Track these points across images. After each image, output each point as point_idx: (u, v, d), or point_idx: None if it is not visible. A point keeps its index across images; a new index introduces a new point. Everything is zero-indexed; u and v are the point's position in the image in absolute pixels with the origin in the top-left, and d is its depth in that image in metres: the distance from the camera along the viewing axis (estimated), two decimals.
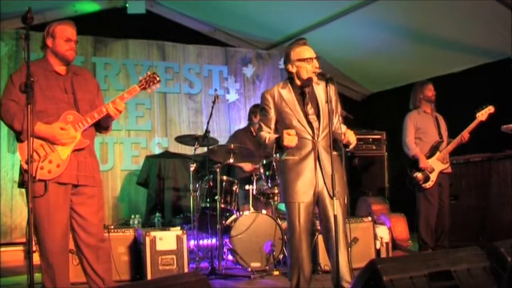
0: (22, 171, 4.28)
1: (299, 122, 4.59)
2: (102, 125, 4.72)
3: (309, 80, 4.60)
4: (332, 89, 4.68)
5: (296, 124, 4.60)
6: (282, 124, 4.69)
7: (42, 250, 4.38)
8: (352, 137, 4.58)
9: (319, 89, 4.67)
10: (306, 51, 4.60)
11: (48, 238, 4.33)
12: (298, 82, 4.66)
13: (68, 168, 4.39)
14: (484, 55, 8.80)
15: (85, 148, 4.52)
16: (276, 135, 4.61)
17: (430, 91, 7.19)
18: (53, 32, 4.56)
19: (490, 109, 6.77)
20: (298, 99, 4.64)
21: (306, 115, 4.60)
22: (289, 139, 4.44)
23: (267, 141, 4.69)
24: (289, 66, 4.68)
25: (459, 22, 8.24)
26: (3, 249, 7.54)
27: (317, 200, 4.63)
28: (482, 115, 6.76)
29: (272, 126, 4.76)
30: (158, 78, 4.76)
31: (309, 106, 4.62)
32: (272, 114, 4.73)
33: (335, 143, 4.63)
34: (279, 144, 4.54)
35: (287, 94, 4.66)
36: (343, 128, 4.70)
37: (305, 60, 4.58)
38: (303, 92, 4.65)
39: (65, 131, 4.36)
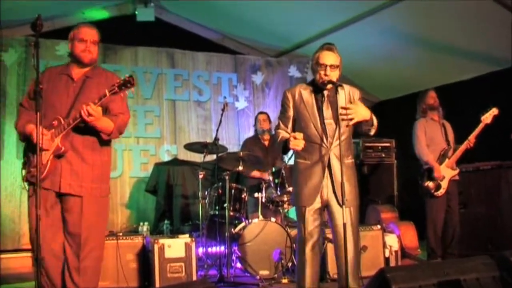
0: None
1: (314, 126, 4.57)
2: (99, 131, 4.56)
3: (323, 85, 4.58)
4: (356, 94, 4.68)
5: (311, 128, 4.58)
6: (298, 125, 4.69)
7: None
8: (359, 112, 4.48)
9: (342, 94, 4.61)
10: (324, 56, 4.57)
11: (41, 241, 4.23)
12: (317, 85, 4.65)
13: (51, 174, 4.36)
14: (494, 63, 8.77)
15: (74, 156, 4.45)
16: (287, 136, 4.57)
17: (431, 98, 7.20)
18: (72, 36, 4.60)
19: (494, 111, 6.75)
20: (317, 102, 4.62)
21: (322, 119, 4.59)
22: (295, 143, 4.40)
23: (278, 139, 4.71)
24: (312, 69, 4.70)
25: (468, 29, 8.22)
26: (11, 255, 7.55)
27: (327, 208, 4.63)
28: (487, 118, 6.74)
29: (290, 125, 4.75)
30: (132, 82, 4.43)
31: (328, 110, 4.59)
32: (291, 113, 4.73)
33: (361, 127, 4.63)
34: (286, 145, 4.53)
35: (307, 95, 4.65)
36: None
37: (320, 65, 4.57)
38: (323, 95, 4.63)
39: (45, 136, 4.27)
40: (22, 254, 7.73)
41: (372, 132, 4.70)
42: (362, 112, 4.47)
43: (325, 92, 4.60)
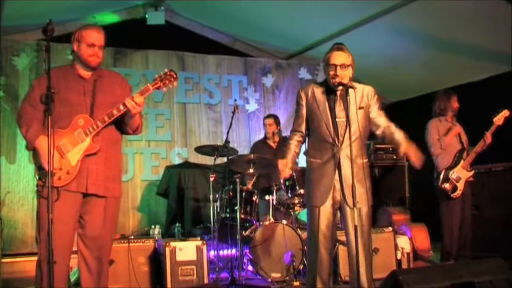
0: (39, 179, 4.23)
1: (326, 125, 4.58)
2: (129, 125, 4.51)
3: (334, 86, 4.57)
4: (370, 93, 4.67)
5: (322, 127, 4.60)
6: (311, 123, 4.73)
7: (41, 257, 4.17)
8: (414, 154, 4.66)
9: (357, 93, 4.61)
10: (334, 57, 4.56)
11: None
12: (329, 85, 4.64)
13: (77, 175, 4.20)
14: (505, 64, 8.72)
15: (98, 155, 4.31)
16: (291, 151, 4.77)
17: (456, 102, 7.18)
18: (79, 37, 4.43)
19: (505, 113, 6.76)
20: (329, 101, 4.62)
21: (334, 118, 4.58)
22: (282, 174, 4.67)
23: (284, 150, 4.85)
24: (324, 70, 4.70)
25: (480, 30, 8.17)
26: (23, 259, 7.56)
27: (339, 209, 4.62)
28: (499, 119, 6.75)
29: (304, 124, 4.79)
30: (175, 76, 4.47)
31: (340, 109, 4.59)
32: (304, 111, 4.76)
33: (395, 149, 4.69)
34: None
35: (320, 94, 4.66)
36: (400, 135, 4.75)
37: (330, 66, 4.56)
38: (335, 95, 4.62)
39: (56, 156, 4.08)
40: (34, 258, 7.73)
41: None
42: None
43: (338, 92, 4.59)
